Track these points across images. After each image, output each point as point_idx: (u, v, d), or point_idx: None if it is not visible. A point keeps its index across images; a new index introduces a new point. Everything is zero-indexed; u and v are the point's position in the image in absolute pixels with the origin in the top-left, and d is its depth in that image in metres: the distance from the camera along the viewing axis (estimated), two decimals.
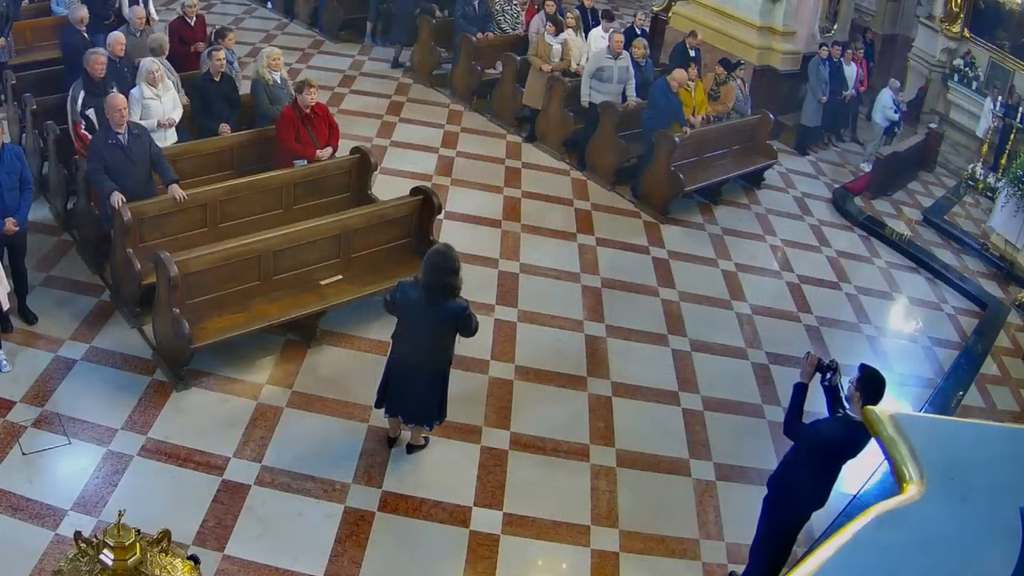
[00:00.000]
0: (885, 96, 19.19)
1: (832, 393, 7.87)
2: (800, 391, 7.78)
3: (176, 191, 10.65)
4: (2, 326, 10.12)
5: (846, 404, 7.69)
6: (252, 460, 9.08)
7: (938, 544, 3.40)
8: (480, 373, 10.84)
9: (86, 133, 11.30)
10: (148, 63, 11.93)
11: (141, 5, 15.04)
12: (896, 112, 19.20)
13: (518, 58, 17.37)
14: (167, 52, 12.90)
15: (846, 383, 7.73)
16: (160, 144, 11.35)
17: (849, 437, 7.36)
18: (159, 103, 11.90)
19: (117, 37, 12.62)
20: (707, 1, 20.17)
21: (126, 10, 15.14)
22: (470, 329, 8.75)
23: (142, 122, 11.39)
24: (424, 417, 9.17)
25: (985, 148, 20.62)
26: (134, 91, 11.71)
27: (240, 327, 10.12)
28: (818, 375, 7.79)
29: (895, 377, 11.64)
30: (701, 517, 9.42)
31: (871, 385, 7.39)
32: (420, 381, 8.87)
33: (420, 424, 9.28)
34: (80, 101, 11.53)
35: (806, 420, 7.81)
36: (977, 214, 18.71)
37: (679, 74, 15.08)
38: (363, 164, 12.37)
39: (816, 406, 8.16)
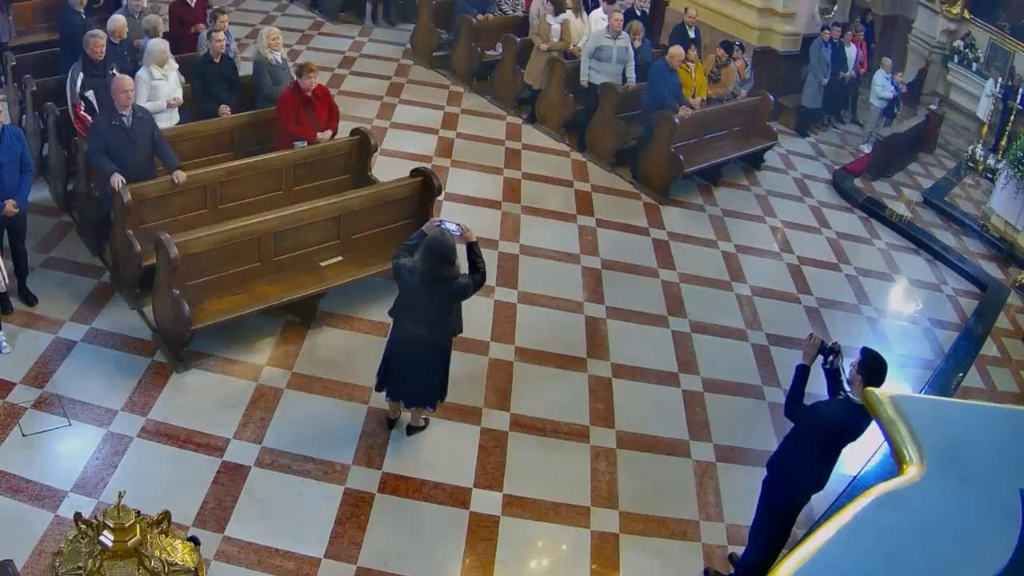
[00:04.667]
0: (878, 77, 19.19)
1: (833, 376, 7.85)
2: (802, 373, 7.76)
3: (178, 175, 10.66)
4: (2, 308, 10.12)
5: (847, 387, 7.69)
6: (252, 441, 9.09)
7: (938, 525, 3.41)
8: (480, 355, 10.84)
9: (86, 115, 11.29)
10: (157, 43, 11.92)
11: None
12: (892, 91, 19.16)
13: (518, 39, 17.33)
14: (161, 34, 12.85)
15: (847, 366, 7.72)
16: (163, 125, 11.35)
17: (850, 420, 7.36)
18: (166, 83, 11.92)
19: (120, 21, 12.57)
20: None
21: None
22: (465, 297, 8.80)
23: (150, 103, 11.44)
24: (426, 398, 9.18)
25: (985, 129, 20.61)
26: (141, 72, 11.70)
27: (240, 308, 10.12)
28: (820, 357, 7.79)
29: (895, 358, 11.63)
30: (701, 498, 9.44)
31: (873, 368, 7.38)
32: (422, 359, 8.86)
33: (422, 405, 9.29)
34: (79, 83, 11.50)
35: (807, 402, 7.81)
36: (977, 195, 18.73)
37: (676, 51, 15.05)
38: (363, 145, 12.34)
39: (817, 388, 8.16)
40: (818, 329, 12.21)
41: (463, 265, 8.70)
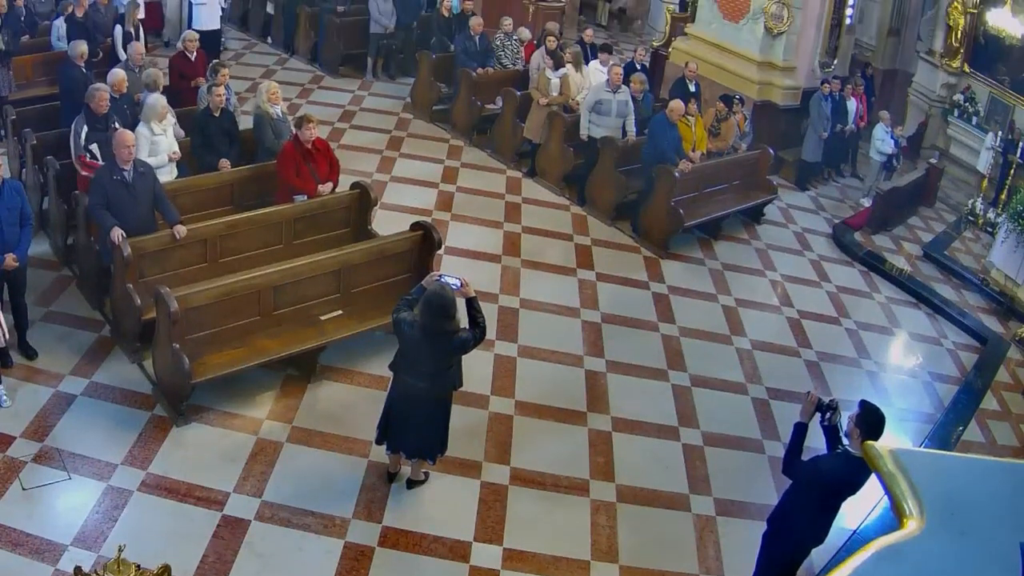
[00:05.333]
0: (878, 130, 19.26)
1: (831, 432, 7.85)
2: (800, 431, 7.75)
3: (179, 230, 10.70)
4: (2, 361, 10.11)
5: (845, 441, 7.68)
6: (252, 495, 9.06)
7: None
8: (480, 408, 10.82)
9: (94, 161, 11.35)
10: (156, 99, 12.03)
11: (140, 41, 15.17)
12: (892, 145, 19.22)
13: (518, 93, 17.44)
14: (161, 87, 12.94)
15: (846, 420, 7.72)
16: (162, 179, 11.39)
17: (849, 474, 7.34)
18: (165, 138, 11.99)
19: (120, 75, 12.68)
20: (707, 36, 20.26)
21: (120, 50, 15.27)
22: (465, 351, 8.80)
23: (151, 159, 11.49)
24: (427, 450, 9.15)
25: (985, 183, 20.67)
26: (141, 128, 11.75)
27: (240, 362, 10.12)
28: (818, 415, 7.77)
29: (895, 412, 11.63)
30: (701, 552, 9.39)
31: (871, 422, 7.38)
32: (422, 413, 8.85)
33: (423, 458, 9.26)
34: (83, 135, 11.56)
35: (806, 456, 7.79)
36: (977, 249, 18.74)
37: (676, 105, 15.14)
38: (363, 199, 12.39)
39: (817, 443, 8.14)
40: (818, 383, 12.20)
41: (463, 319, 8.72)
